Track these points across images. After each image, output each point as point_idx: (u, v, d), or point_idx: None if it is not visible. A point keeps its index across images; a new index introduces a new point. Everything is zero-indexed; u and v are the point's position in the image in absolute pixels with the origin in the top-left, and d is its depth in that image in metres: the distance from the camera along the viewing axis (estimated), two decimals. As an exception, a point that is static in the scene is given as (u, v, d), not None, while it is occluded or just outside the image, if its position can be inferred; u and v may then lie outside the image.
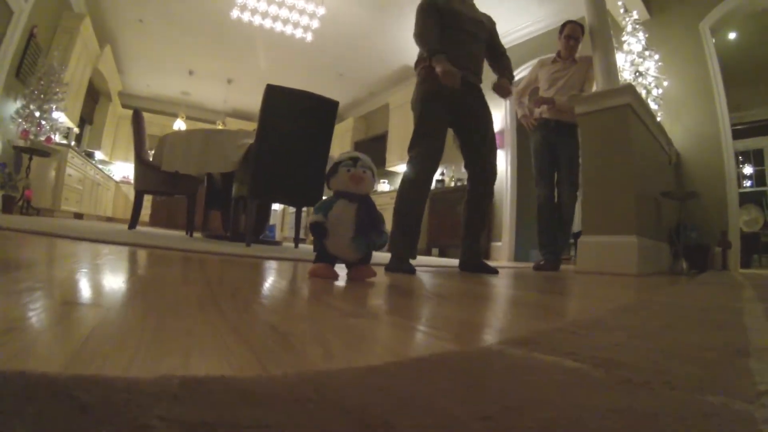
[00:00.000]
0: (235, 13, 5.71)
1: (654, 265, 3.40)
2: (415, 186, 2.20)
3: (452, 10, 2.32)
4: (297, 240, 3.30)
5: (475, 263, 2.39)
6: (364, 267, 1.25)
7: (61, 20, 5.89)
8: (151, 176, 3.51)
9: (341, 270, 1.29)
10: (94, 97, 8.53)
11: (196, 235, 3.72)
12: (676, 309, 1.02)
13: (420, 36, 2.24)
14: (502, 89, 2.41)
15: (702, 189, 4.26)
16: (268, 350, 0.40)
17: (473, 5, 2.52)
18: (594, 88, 3.59)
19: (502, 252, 6.06)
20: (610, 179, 3.13)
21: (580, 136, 3.38)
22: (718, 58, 4.69)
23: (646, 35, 4.76)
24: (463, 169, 2.48)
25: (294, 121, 2.88)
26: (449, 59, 2.17)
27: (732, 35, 6.37)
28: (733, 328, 0.75)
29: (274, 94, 2.83)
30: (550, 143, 3.51)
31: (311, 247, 3.87)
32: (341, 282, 1.16)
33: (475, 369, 0.39)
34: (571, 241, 6.19)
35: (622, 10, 4.87)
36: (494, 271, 2.32)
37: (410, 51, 7.46)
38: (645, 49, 4.73)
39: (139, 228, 4.48)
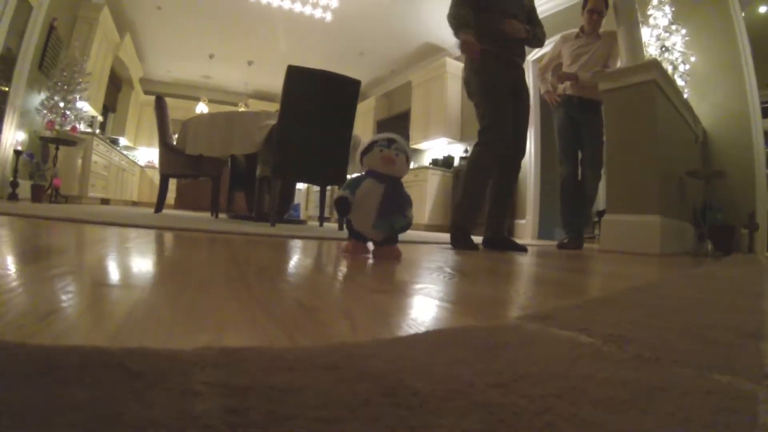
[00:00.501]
0: (253, -4, 5.71)
1: (678, 246, 3.35)
2: (486, 167, 2.32)
3: None
4: (322, 219, 3.35)
5: (502, 240, 2.42)
6: (389, 247, 1.27)
7: (79, 11, 5.99)
8: (175, 160, 3.58)
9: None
10: (117, 84, 8.66)
11: (221, 216, 3.79)
12: (694, 290, 1.01)
13: (452, 16, 2.31)
14: (513, 27, 2.39)
15: (729, 168, 4.15)
16: (295, 324, 0.42)
17: None
18: (618, 64, 3.51)
19: (526, 230, 6.02)
20: (634, 158, 3.09)
21: (604, 113, 3.32)
22: (747, 33, 4.55)
23: (673, 9, 4.61)
24: None
25: (316, 102, 2.91)
26: (492, 40, 2.30)
27: (763, 9, 6.14)
28: (750, 311, 0.75)
29: (295, 75, 2.85)
30: (573, 120, 3.46)
31: (336, 225, 3.92)
32: (368, 260, 1.18)
33: (492, 341, 0.40)
34: (595, 219, 6.13)
35: (648, -17, 4.72)
36: (522, 249, 2.35)
37: (433, 28, 7.47)
38: (671, 23, 4.58)
39: (165, 211, 4.58)
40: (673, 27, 4.58)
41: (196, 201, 6.42)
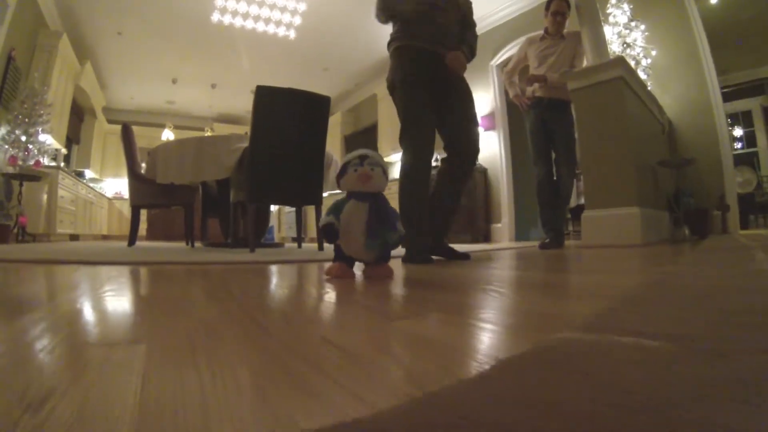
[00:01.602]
0: (216, 17, 5.64)
1: (656, 234, 3.41)
2: (414, 172, 2.09)
3: None
4: (299, 240, 3.27)
5: (441, 247, 2.18)
6: (381, 266, 1.23)
7: (38, 39, 5.78)
8: (145, 190, 3.46)
9: (359, 269, 1.27)
10: (79, 115, 8.42)
11: (197, 245, 3.68)
12: (703, 279, 1.00)
13: (384, 9, 2.19)
14: (453, 61, 2.16)
15: (696, 154, 4.27)
16: (346, 373, 0.37)
17: None
18: (584, 63, 3.57)
19: (502, 233, 6.06)
20: (608, 153, 3.13)
21: (575, 112, 3.37)
22: (702, 24, 4.71)
23: (631, 6, 4.74)
24: (443, 149, 2.30)
25: (287, 121, 2.84)
26: (420, 33, 2.12)
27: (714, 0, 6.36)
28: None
29: (264, 95, 2.79)
30: (544, 121, 3.50)
31: (315, 246, 3.84)
32: (360, 281, 1.13)
33: (571, 359, 0.38)
34: (568, 216, 6.20)
35: (605, -18, 4.84)
36: (465, 257, 2.14)
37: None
38: (630, 20, 4.72)
39: (138, 243, 4.44)
40: (633, 24, 4.71)
41: (168, 231, 6.25)
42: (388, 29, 2.34)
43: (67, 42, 6.24)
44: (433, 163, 2.23)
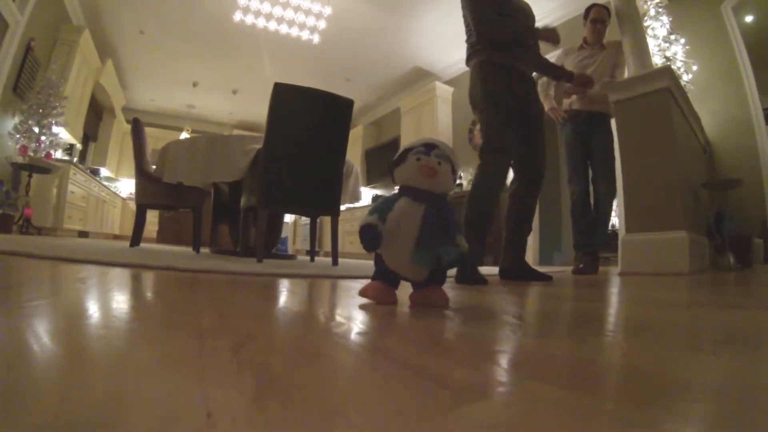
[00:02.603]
0: (238, 16, 5.49)
1: (700, 261, 3.11)
2: (489, 190, 2.08)
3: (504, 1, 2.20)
4: (313, 253, 3.03)
5: (521, 268, 2.16)
6: (433, 289, 0.95)
7: (59, 33, 5.70)
8: (152, 189, 3.28)
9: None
10: (98, 113, 8.38)
11: (204, 251, 3.47)
12: None
13: (487, 25, 2.15)
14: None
15: (734, 174, 4.02)
16: None
17: None
18: (626, 74, 3.33)
19: (527, 256, 5.72)
20: (653, 171, 2.86)
21: (616, 125, 3.11)
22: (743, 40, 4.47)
23: (670, 19, 4.50)
24: (512, 169, 2.30)
25: (305, 123, 2.63)
26: (517, 53, 2.15)
27: (749, 18, 6.08)
28: None
29: (282, 94, 2.58)
30: (582, 136, 3.25)
31: (329, 260, 3.62)
32: (404, 309, 0.88)
33: None
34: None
35: (643, -6, 4.60)
36: (546, 278, 2.09)
37: (421, 52, 7.30)
38: (670, 33, 4.47)
39: (144, 245, 4.26)
40: (672, 37, 4.46)
41: (179, 235, 6.07)
42: (414, 42, 2.26)
43: (89, 38, 6.16)
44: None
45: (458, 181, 6.70)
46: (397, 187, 0.95)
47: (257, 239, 2.46)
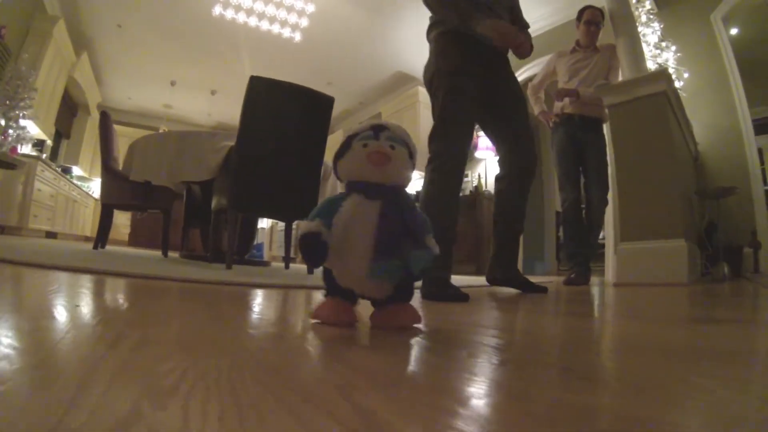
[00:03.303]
0: (217, 10, 5.27)
1: (694, 271, 3.01)
2: (446, 185, 1.71)
3: None
4: (287, 260, 2.82)
5: (513, 277, 1.92)
6: (399, 307, 0.74)
7: (33, 22, 5.40)
8: (118, 188, 3.04)
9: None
10: (72, 109, 8.03)
11: (172, 255, 3.24)
12: None
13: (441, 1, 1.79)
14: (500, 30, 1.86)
15: (723, 183, 3.94)
16: None
17: None
18: (620, 78, 3.22)
19: None
20: (650, 177, 2.74)
21: (611, 130, 2.98)
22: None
23: (662, 25, 4.43)
24: (497, 162, 2.03)
25: (282, 120, 2.40)
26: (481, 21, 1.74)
27: (734, 31, 6.10)
28: None
29: (258, 88, 2.36)
30: (575, 141, 3.12)
31: (304, 266, 3.41)
32: (365, 331, 0.69)
33: None
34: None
35: (634, 0, 4.53)
36: (541, 289, 1.87)
37: (403, 56, 7.09)
38: (661, 39, 4.40)
39: (111, 248, 4.01)
40: (663, 44, 4.39)
41: (151, 238, 5.76)
42: (398, 46, 1.91)
43: (64, 28, 5.86)
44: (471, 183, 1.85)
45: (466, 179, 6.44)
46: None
47: (227, 244, 2.25)
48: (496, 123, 1.94)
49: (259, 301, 1.09)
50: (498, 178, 1.99)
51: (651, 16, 4.45)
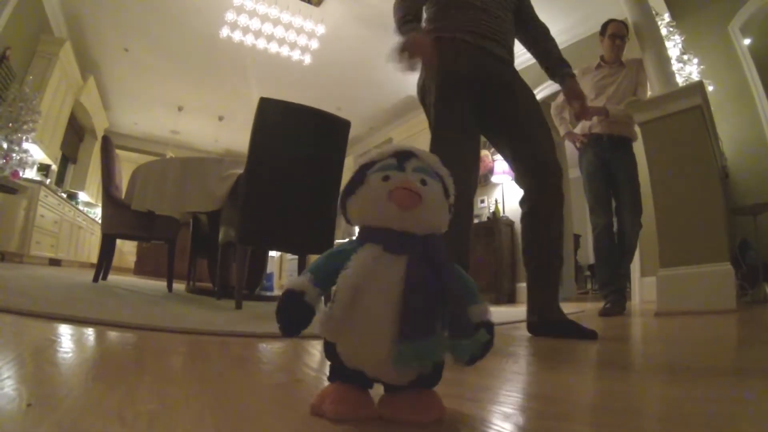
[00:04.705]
0: (224, 32, 5.18)
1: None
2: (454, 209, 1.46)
3: None
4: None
5: (556, 320, 1.55)
6: (420, 395, 0.52)
7: (39, 46, 5.33)
8: (120, 217, 2.87)
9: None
10: (79, 134, 7.97)
11: (177, 288, 3.05)
12: None
13: (394, 6, 1.61)
14: (573, 93, 1.76)
15: (754, 198, 3.77)
16: None
17: None
18: (648, 93, 3.04)
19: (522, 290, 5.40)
20: (689, 197, 2.54)
21: (645, 148, 2.80)
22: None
23: (683, 38, 4.29)
24: (515, 182, 1.76)
25: (295, 145, 2.21)
26: (461, 25, 1.60)
27: (747, 41, 5.99)
28: None
29: (268, 110, 2.19)
30: (605, 162, 2.94)
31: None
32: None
33: None
34: (587, 273, 5.43)
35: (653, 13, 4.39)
36: (591, 335, 1.47)
37: (416, 78, 6.88)
38: (683, 53, 4.25)
39: (115, 278, 3.84)
40: (685, 57, 4.23)
41: (158, 267, 5.54)
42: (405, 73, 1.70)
43: (70, 51, 5.80)
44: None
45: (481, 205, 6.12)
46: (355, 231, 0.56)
47: (236, 281, 2.06)
48: (509, 136, 1.68)
49: (275, 363, 0.89)
50: (521, 201, 1.70)
51: (671, 29, 4.31)
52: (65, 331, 1.08)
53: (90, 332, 1.10)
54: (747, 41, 5.68)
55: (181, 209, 2.43)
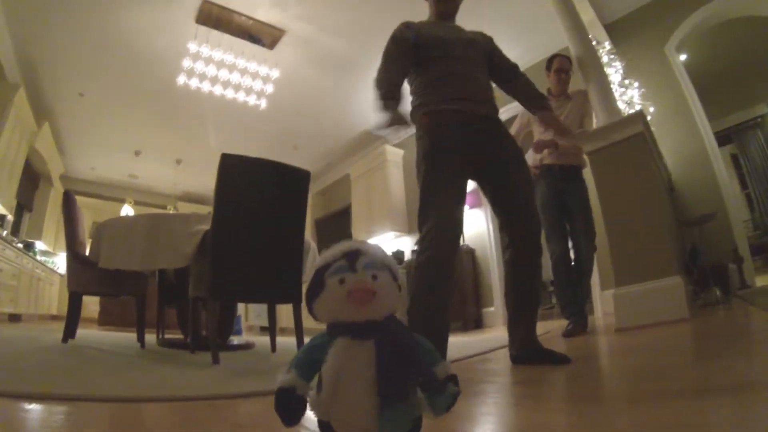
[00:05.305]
0: (182, 79, 5.21)
1: (688, 300, 2.99)
2: (434, 270, 1.63)
3: (432, 37, 1.89)
4: (274, 342, 2.64)
5: (534, 351, 1.73)
6: None
7: (-8, 91, 5.20)
8: (87, 274, 2.82)
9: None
10: (34, 180, 7.73)
11: (149, 341, 3.00)
12: None
13: (375, 82, 1.80)
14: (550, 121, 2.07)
15: (701, 207, 4.11)
16: None
17: (458, 27, 2.06)
18: (594, 122, 3.25)
19: (495, 318, 5.57)
20: (638, 219, 2.72)
21: (594, 176, 2.97)
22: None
23: (623, 63, 4.59)
24: (500, 230, 1.93)
25: (258, 199, 2.29)
26: (445, 95, 1.80)
27: (682, 57, 6.44)
28: None
29: (231, 166, 2.23)
30: (557, 192, 3.11)
31: (292, 341, 3.23)
32: None
33: None
34: (550, 288, 5.68)
35: (594, 43, 4.67)
36: (564, 360, 1.64)
37: (370, 115, 6.98)
38: (624, 78, 4.54)
39: (83, 332, 3.73)
40: (627, 81, 4.52)
41: (123, 316, 5.40)
42: (363, 106, 1.93)
43: (24, 97, 5.68)
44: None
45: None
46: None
47: (210, 335, 2.07)
48: (497, 189, 1.87)
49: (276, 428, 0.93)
50: (504, 247, 1.87)
51: (612, 56, 4.60)
52: (56, 411, 1.08)
53: (78, 410, 1.10)
54: (683, 57, 6.12)
55: (151, 267, 2.43)
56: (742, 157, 8.05)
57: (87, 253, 2.95)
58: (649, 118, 4.40)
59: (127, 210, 8.29)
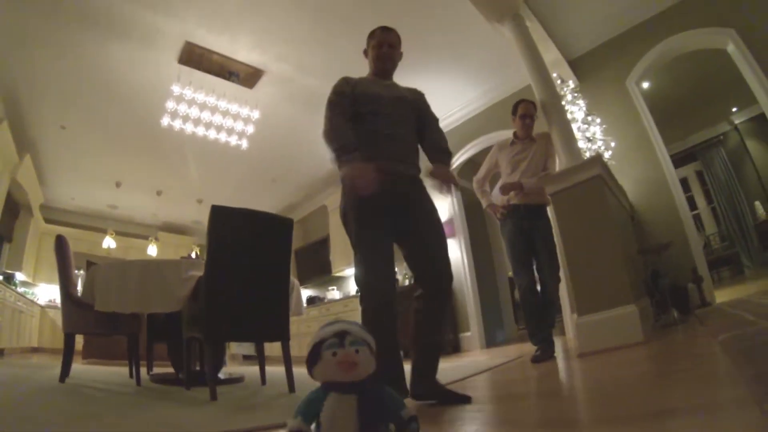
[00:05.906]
0: (165, 121, 5.39)
1: (647, 322, 3.24)
2: (375, 319, 1.80)
3: (367, 95, 2.04)
4: (264, 376, 2.83)
5: (433, 390, 1.83)
6: None
7: (-25, 125, 5.27)
8: (82, 315, 2.92)
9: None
10: (14, 211, 7.70)
11: (144, 378, 3.12)
12: None
13: (327, 134, 1.95)
14: (439, 175, 2.03)
15: (661, 231, 4.46)
16: None
17: (394, 84, 2.21)
18: (557, 163, 3.52)
19: (472, 342, 5.85)
20: (595, 254, 2.99)
21: (555, 216, 3.26)
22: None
23: (586, 101, 4.89)
24: (414, 282, 2.06)
25: (247, 247, 2.51)
26: (370, 155, 1.87)
27: (645, 84, 6.86)
28: None
29: (221, 217, 2.45)
30: (523, 230, 3.38)
31: (281, 372, 3.41)
32: None
33: None
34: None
35: (558, 81, 5.00)
36: (464, 399, 1.74)
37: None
38: (587, 114, 4.84)
39: (75, 367, 3.80)
40: (589, 118, 4.83)
41: (108, 349, 5.43)
42: None
43: (7, 130, 5.76)
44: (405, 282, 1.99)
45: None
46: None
47: (208, 374, 2.25)
48: (411, 246, 2.00)
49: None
50: (416, 297, 1.99)
51: (576, 95, 4.92)
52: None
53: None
54: (646, 84, 6.53)
55: (146, 310, 2.58)
56: (707, 173, 8.56)
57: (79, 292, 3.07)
58: (609, 154, 4.75)
59: (109, 241, 8.30)
